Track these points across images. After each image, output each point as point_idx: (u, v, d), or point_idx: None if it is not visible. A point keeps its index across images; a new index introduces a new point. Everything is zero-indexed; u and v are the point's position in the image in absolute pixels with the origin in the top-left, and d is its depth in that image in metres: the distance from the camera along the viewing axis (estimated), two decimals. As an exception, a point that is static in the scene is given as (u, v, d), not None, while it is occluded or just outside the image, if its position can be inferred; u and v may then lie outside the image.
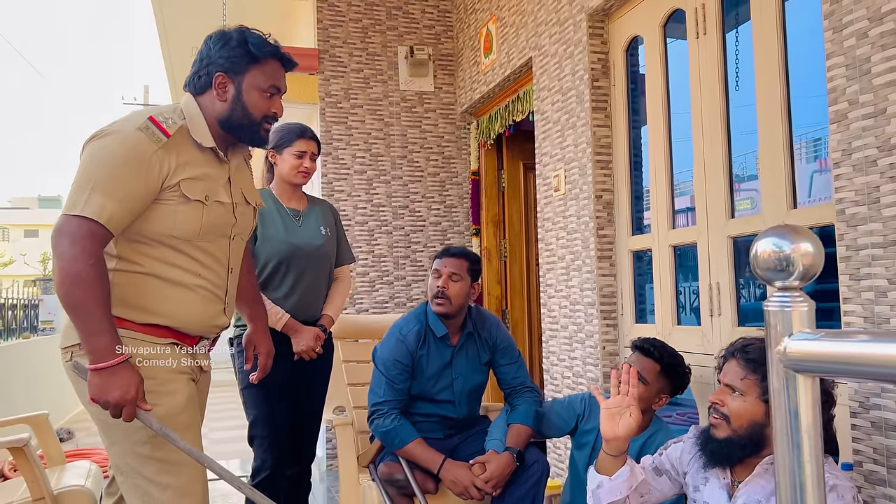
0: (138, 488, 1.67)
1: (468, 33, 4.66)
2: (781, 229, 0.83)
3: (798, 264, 0.81)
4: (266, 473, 2.54)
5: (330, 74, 4.62)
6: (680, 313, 2.79)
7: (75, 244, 1.56)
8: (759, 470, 1.65)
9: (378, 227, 4.64)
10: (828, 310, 2.23)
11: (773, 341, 0.82)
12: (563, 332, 3.36)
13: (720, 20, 2.51)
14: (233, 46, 1.76)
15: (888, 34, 1.75)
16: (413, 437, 2.36)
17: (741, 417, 1.65)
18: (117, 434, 1.68)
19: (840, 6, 1.88)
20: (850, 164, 1.86)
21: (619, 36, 3.12)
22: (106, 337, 1.58)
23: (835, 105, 1.90)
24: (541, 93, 3.60)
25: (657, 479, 1.90)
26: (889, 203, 1.75)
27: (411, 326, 2.50)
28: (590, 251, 3.12)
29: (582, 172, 3.19)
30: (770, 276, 0.83)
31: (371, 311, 4.56)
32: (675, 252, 2.78)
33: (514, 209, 4.74)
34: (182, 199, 1.69)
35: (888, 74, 1.75)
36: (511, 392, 2.56)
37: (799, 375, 0.80)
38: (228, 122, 1.78)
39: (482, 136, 4.70)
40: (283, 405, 2.58)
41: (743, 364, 1.68)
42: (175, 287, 1.73)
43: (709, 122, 2.54)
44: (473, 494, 2.27)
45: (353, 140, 4.63)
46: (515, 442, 2.38)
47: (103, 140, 1.65)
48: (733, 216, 2.46)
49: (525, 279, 4.71)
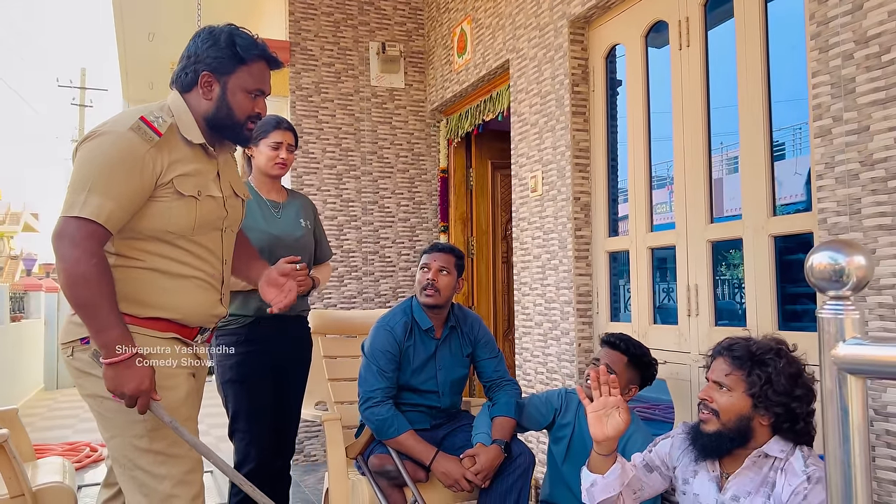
0: (136, 480, 1.70)
1: (440, 32, 4.69)
2: (836, 243, 0.91)
3: (852, 276, 0.89)
4: (250, 467, 2.54)
5: (301, 67, 4.59)
6: (656, 313, 2.91)
7: (76, 246, 1.59)
8: (748, 462, 1.75)
9: (347, 222, 4.64)
10: (804, 311, 2.37)
11: (827, 346, 0.90)
12: (538, 329, 3.45)
13: (703, 32, 2.63)
14: (221, 47, 1.78)
15: (873, 56, 1.88)
16: (406, 428, 2.41)
17: (729, 412, 1.75)
18: (116, 428, 1.72)
19: (827, 28, 2.00)
20: (832, 177, 1.98)
21: (599, 43, 3.21)
22: (116, 331, 1.62)
23: (819, 121, 2.03)
24: (518, 95, 3.67)
25: (648, 476, 1.99)
26: (870, 214, 1.88)
27: (398, 319, 2.58)
28: (567, 251, 3.22)
29: (560, 174, 3.28)
30: (824, 286, 0.91)
31: (339, 306, 4.56)
32: (653, 254, 2.90)
33: (482, 207, 4.82)
34: (176, 196, 1.73)
35: (872, 94, 1.88)
36: (492, 385, 2.64)
37: (850, 377, 0.89)
38: (213, 120, 1.81)
39: (451, 133, 4.75)
40: (264, 399, 2.59)
41: (729, 361, 1.78)
42: (173, 279, 1.77)
43: (690, 132, 2.66)
44: (464, 486, 2.33)
45: (324, 134, 4.62)
46: (501, 434, 2.45)
47: (96, 141, 1.67)
48: (712, 221, 2.58)
49: (491, 276, 4.79)
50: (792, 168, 3.26)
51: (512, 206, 3.76)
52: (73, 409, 7.82)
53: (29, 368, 9.08)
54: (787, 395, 1.71)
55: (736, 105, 2.46)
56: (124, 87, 8.02)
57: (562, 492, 2.52)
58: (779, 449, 1.72)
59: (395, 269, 4.74)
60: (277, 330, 2.59)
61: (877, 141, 1.87)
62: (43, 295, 10.20)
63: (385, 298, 4.67)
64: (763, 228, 2.33)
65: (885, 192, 1.85)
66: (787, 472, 1.69)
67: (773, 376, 1.71)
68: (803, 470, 1.66)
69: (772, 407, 1.71)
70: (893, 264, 1.82)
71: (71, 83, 23.34)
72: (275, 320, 2.60)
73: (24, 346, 8.65)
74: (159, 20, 6.02)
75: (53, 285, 10.74)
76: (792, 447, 1.72)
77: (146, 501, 1.69)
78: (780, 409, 1.71)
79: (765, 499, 1.71)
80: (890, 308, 1.83)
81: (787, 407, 1.71)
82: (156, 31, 6.10)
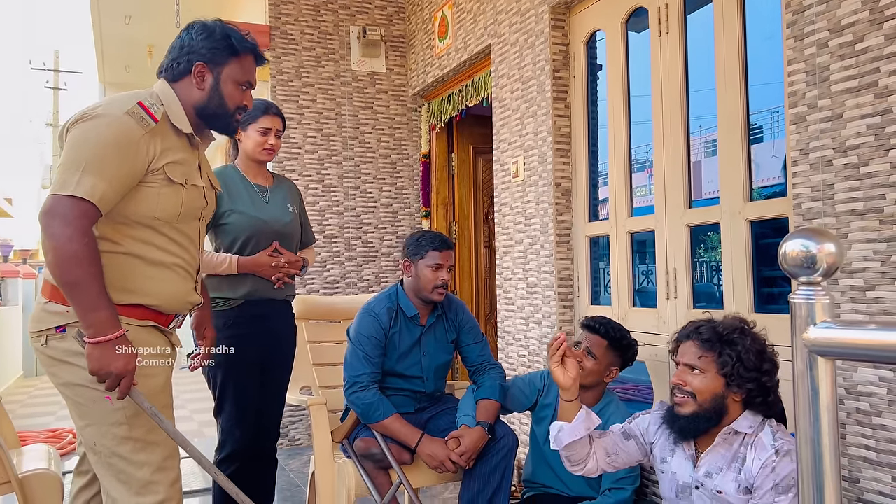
0: (114, 467, 1.71)
1: (421, 16, 4.69)
2: (808, 231, 0.95)
3: (823, 263, 0.93)
4: (234, 447, 2.56)
5: (281, 52, 4.57)
6: (636, 296, 2.96)
7: (69, 224, 1.59)
8: (719, 440, 1.82)
9: (329, 207, 4.65)
10: (780, 293, 2.43)
11: (798, 329, 0.94)
12: (520, 312, 3.49)
13: (682, 18, 2.66)
14: (216, 38, 1.84)
15: (847, 45, 1.92)
16: (392, 412, 2.45)
17: (705, 392, 1.81)
18: (93, 416, 1.72)
19: (803, 17, 2.04)
20: (807, 163, 2.03)
21: (579, 29, 3.24)
22: (105, 311, 1.63)
23: (794, 108, 2.07)
24: (499, 80, 3.69)
25: (625, 443, 2.06)
26: (843, 199, 1.93)
27: (383, 305, 2.60)
28: (548, 236, 3.25)
29: (542, 160, 3.31)
30: (796, 272, 0.95)
31: (322, 291, 4.58)
32: (633, 238, 2.95)
33: (464, 192, 4.84)
34: (166, 182, 1.76)
35: (846, 82, 1.92)
36: (476, 369, 2.68)
37: (820, 359, 0.93)
38: (204, 110, 1.85)
39: (433, 118, 4.76)
40: (251, 383, 2.61)
41: (699, 344, 1.84)
42: (154, 267, 1.78)
43: (669, 117, 2.70)
44: (449, 468, 2.37)
45: (305, 119, 4.61)
46: (486, 416, 2.49)
47: (91, 123, 1.68)
48: (691, 206, 2.63)
49: (473, 261, 4.83)
50: (770, 151, 3.32)
51: (494, 191, 3.79)
52: (53, 395, 7.77)
53: (8, 356, 9.01)
54: (757, 371, 1.78)
55: (714, 88, 2.50)
56: (100, 71, 7.91)
57: (544, 471, 2.58)
58: (747, 425, 1.79)
59: (377, 254, 4.75)
60: (265, 313, 2.62)
61: (850, 128, 1.91)
62: (21, 282, 10.08)
63: (368, 283, 4.69)
64: (740, 213, 2.38)
65: (857, 178, 1.90)
66: (757, 446, 1.76)
67: (742, 354, 1.78)
68: (772, 444, 1.73)
69: (744, 384, 1.78)
70: (865, 248, 1.87)
71: (44, 66, 22.89)
72: (263, 303, 2.62)
73: (2, 333, 8.57)
74: (135, 2, 5.94)
75: (31, 272, 10.62)
76: (761, 422, 1.79)
77: (124, 488, 1.69)
78: (751, 385, 1.78)
79: (736, 473, 1.77)
80: (861, 291, 1.89)
81: (758, 381, 1.78)
82: (132, 14, 6.02)
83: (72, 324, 1.69)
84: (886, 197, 1.83)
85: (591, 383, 2.42)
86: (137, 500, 1.68)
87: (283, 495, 3.58)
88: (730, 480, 1.78)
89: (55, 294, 1.71)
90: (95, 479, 1.90)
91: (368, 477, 2.44)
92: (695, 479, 1.85)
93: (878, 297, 1.85)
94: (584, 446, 2.01)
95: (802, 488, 0.94)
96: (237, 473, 2.56)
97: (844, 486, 1.95)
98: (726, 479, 1.78)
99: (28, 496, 2.42)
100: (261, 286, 2.60)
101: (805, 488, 0.94)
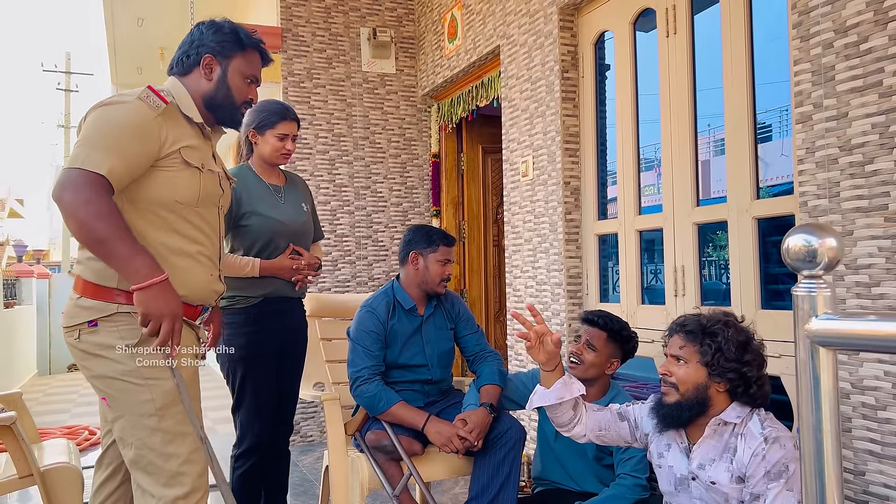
0: (144, 459, 1.74)
1: (431, 17, 4.73)
2: (810, 227, 0.99)
3: (824, 256, 0.97)
4: (253, 441, 2.61)
5: (293, 53, 4.62)
6: (644, 294, 3.00)
7: (80, 190, 1.63)
8: (709, 431, 1.86)
9: (340, 206, 4.70)
10: (786, 291, 2.46)
11: (801, 321, 0.98)
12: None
13: (690, 19, 2.69)
14: (225, 32, 1.91)
15: (851, 45, 1.95)
16: (396, 399, 2.50)
17: (686, 382, 1.86)
18: (125, 407, 1.75)
19: (808, 18, 2.07)
20: (813, 161, 2.07)
21: (588, 30, 3.27)
22: (144, 256, 1.66)
23: (800, 107, 2.10)
24: (508, 80, 3.72)
25: (619, 423, 2.10)
26: (848, 197, 1.96)
27: (380, 300, 2.68)
28: (558, 234, 3.29)
29: (551, 159, 3.34)
30: (799, 266, 0.99)
31: (333, 290, 4.63)
32: (641, 236, 2.98)
33: (473, 191, 4.89)
34: (182, 165, 1.80)
35: (851, 82, 1.95)
36: (474, 358, 2.75)
37: (822, 349, 0.96)
38: (212, 101, 1.91)
39: (444, 119, 4.80)
40: (268, 377, 2.66)
41: (683, 336, 1.89)
42: (178, 256, 1.82)
43: (677, 117, 2.73)
44: (457, 444, 2.40)
45: (316, 120, 4.66)
46: (488, 398, 2.54)
47: (108, 108, 1.75)
48: (699, 204, 2.66)
49: (482, 259, 4.87)
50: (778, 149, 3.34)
51: (503, 190, 3.83)
52: (68, 393, 7.88)
53: (23, 354, 9.11)
54: (738, 361, 1.81)
55: (722, 87, 2.53)
56: (112, 72, 7.99)
57: (553, 467, 2.60)
58: (735, 415, 1.83)
59: (388, 252, 4.80)
60: (283, 309, 2.68)
61: (855, 127, 1.94)
62: (35, 281, 10.19)
63: (378, 282, 4.74)
64: (747, 211, 2.42)
65: (862, 176, 1.93)
66: (746, 436, 1.80)
67: (723, 345, 1.82)
68: (760, 432, 1.77)
69: (725, 373, 1.81)
70: (870, 245, 1.91)
71: (56, 67, 23.05)
72: (281, 301, 2.68)
73: (18, 332, 8.68)
74: (149, 4, 6.01)
75: (45, 272, 10.74)
76: (749, 412, 1.83)
77: (152, 480, 1.72)
78: (733, 375, 1.81)
79: (728, 463, 1.81)
80: (866, 287, 1.92)
81: (739, 372, 1.81)
82: (145, 16, 6.09)
83: (104, 318, 1.72)
84: (891, 195, 1.86)
85: (594, 376, 2.44)
86: (165, 491, 1.71)
87: (295, 490, 3.63)
88: (723, 471, 1.81)
89: (87, 289, 1.75)
90: (117, 473, 1.95)
91: (380, 469, 2.48)
92: (690, 472, 1.89)
93: (883, 292, 1.88)
94: (565, 412, 2.06)
95: (805, 476, 0.98)
96: (255, 467, 2.61)
97: (850, 479, 1.99)
98: (719, 469, 1.82)
99: (49, 489, 2.48)
100: (280, 286, 2.65)
101: (808, 476, 0.98)
